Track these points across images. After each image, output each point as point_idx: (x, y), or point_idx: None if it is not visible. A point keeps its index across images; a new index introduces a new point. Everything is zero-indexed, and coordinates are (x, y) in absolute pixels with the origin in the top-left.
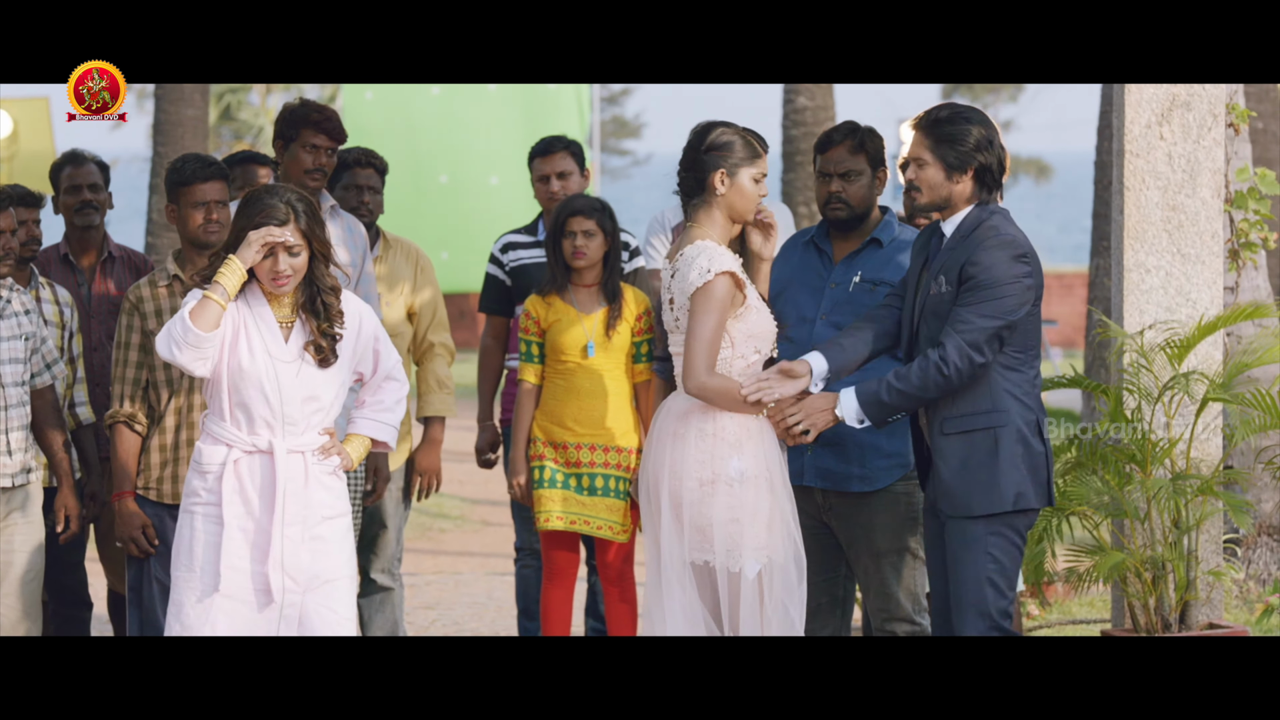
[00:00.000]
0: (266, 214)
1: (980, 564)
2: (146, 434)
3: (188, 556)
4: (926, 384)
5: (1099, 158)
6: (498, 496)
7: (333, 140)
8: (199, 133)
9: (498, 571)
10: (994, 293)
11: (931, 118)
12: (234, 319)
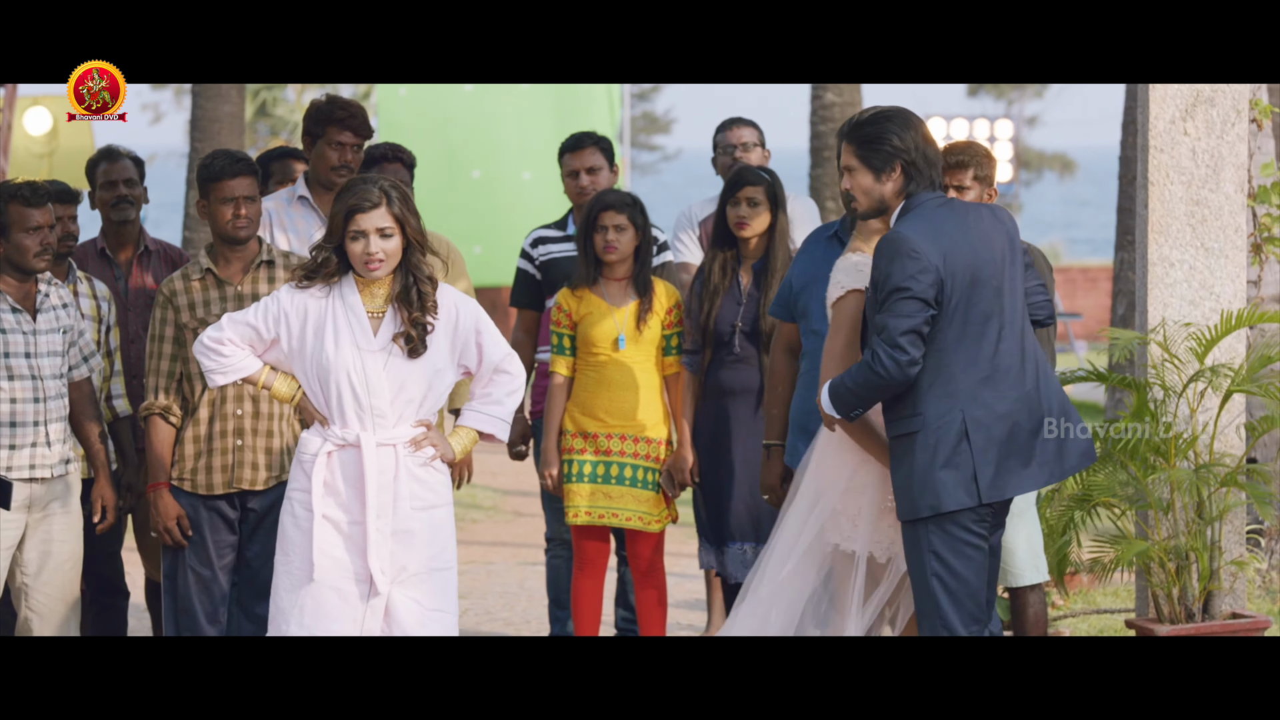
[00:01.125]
0: (359, 197)
1: (925, 564)
2: (181, 425)
3: (284, 542)
4: (861, 384)
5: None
6: (529, 488)
7: (358, 137)
8: (235, 129)
9: (529, 561)
10: (898, 294)
11: (853, 123)
12: (320, 311)
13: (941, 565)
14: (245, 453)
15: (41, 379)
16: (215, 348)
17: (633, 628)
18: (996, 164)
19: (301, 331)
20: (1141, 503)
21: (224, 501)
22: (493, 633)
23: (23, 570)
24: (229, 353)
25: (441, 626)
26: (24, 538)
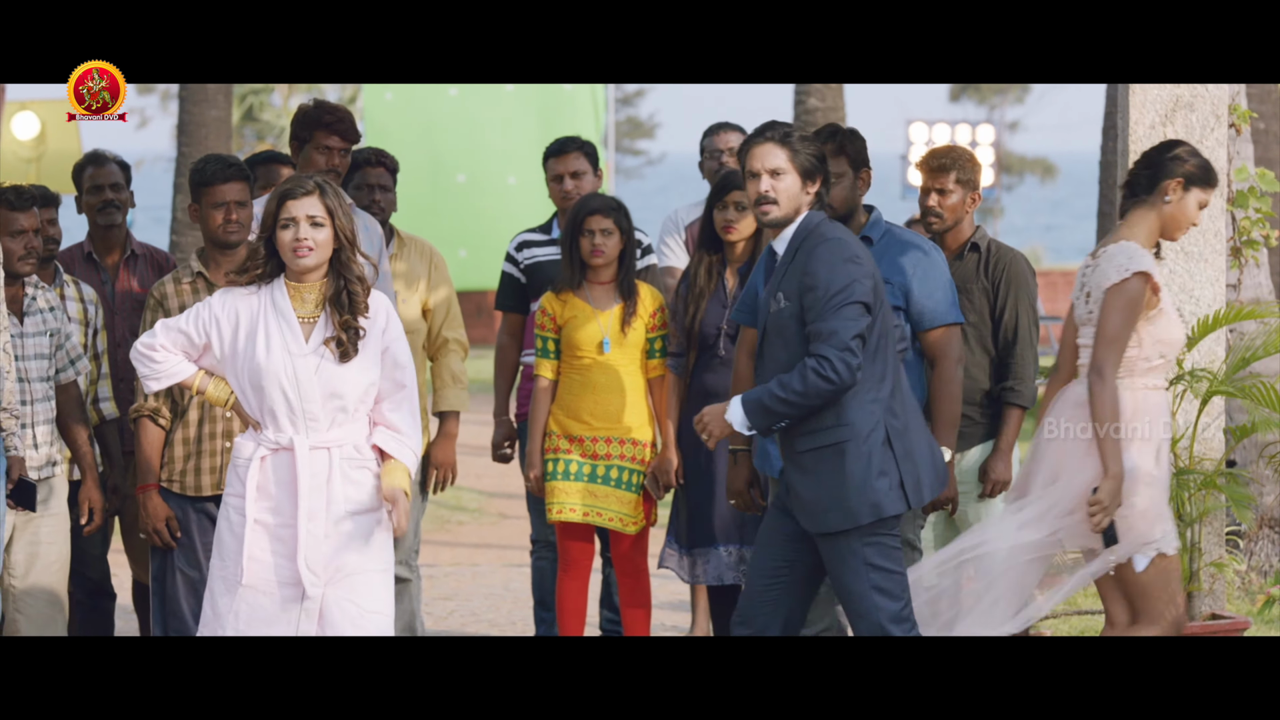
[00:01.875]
0: (293, 184)
1: (863, 575)
2: (170, 428)
3: (219, 546)
4: (808, 390)
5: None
6: (514, 490)
7: (346, 141)
8: (222, 133)
9: (514, 563)
10: (840, 295)
11: (779, 129)
12: (251, 315)
13: (880, 574)
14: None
15: (29, 381)
16: (148, 354)
17: (617, 629)
18: (981, 169)
19: (233, 336)
20: None
21: (212, 503)
22: (478, 634)
23: (9, 572)
24: (161, 358)
25: (376, 627)
26: (11, 539)
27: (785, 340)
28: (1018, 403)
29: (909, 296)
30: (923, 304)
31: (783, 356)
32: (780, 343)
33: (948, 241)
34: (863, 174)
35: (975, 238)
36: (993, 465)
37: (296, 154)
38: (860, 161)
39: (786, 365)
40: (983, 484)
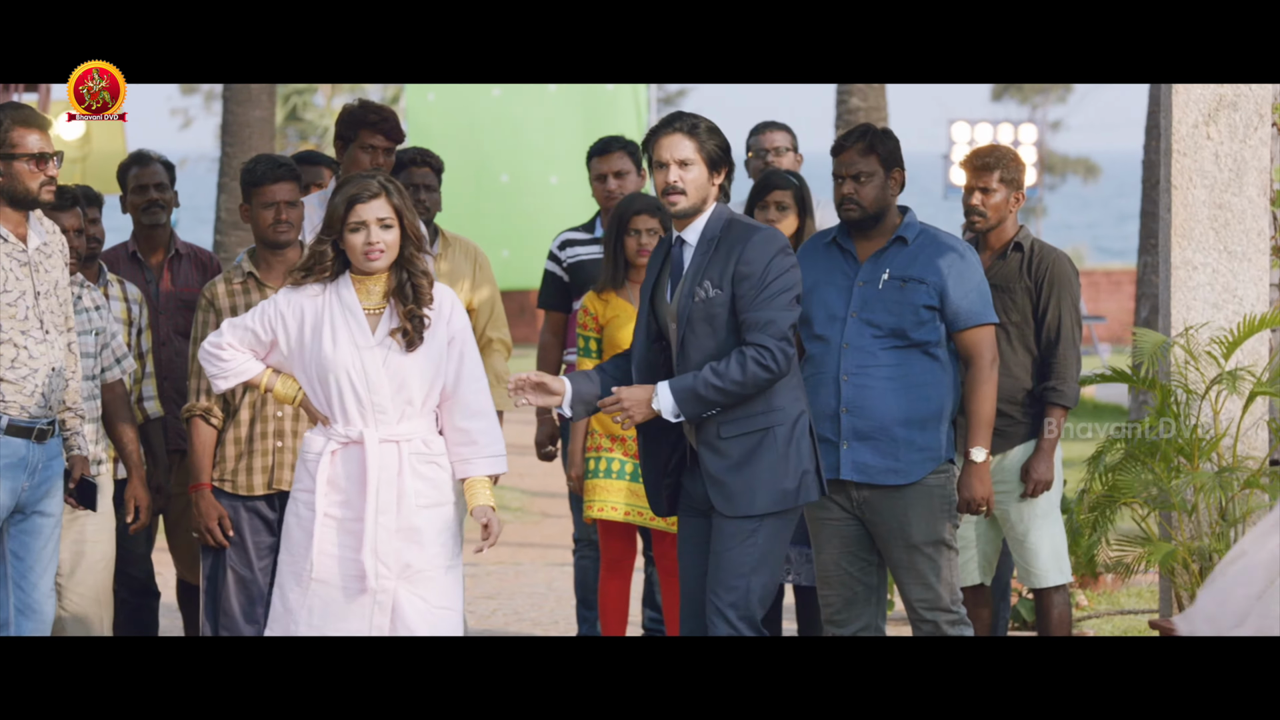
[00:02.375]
0: (359, 187)
1: (747, 554)
2: (222, 427)
3: (288, 541)
4: (746, 379)
5: (1146, 157)
6: (557, 489)
7: (390, 140)
8: (265, 133)
9: (557, 562)
10: (778, 285)
11: (687, 120)
12: (316, 311)
13: (760, 557)
14: (285, 454)
15: None
16: (216, 353)
17: (660, 628)
18: (1025, 168)
19: (299, 332)
20: (1165, 504)
21: (264, 503)
22: (520, 633)
23: (57, 571)
24: (229, 357)
25: (448, 625)
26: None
27: (714, 329)
28: (1060, 402)
29: (944, 297)
30: (958, 304)
31: (710, 345)
32: (708, 331)
33: (991, 241)
34: (894, 174)
35: (1018, 237)
36: (1034, 465)
37: (341, 154)
38: (892, 161)
39: (714, 353)
40: (1024, 484)
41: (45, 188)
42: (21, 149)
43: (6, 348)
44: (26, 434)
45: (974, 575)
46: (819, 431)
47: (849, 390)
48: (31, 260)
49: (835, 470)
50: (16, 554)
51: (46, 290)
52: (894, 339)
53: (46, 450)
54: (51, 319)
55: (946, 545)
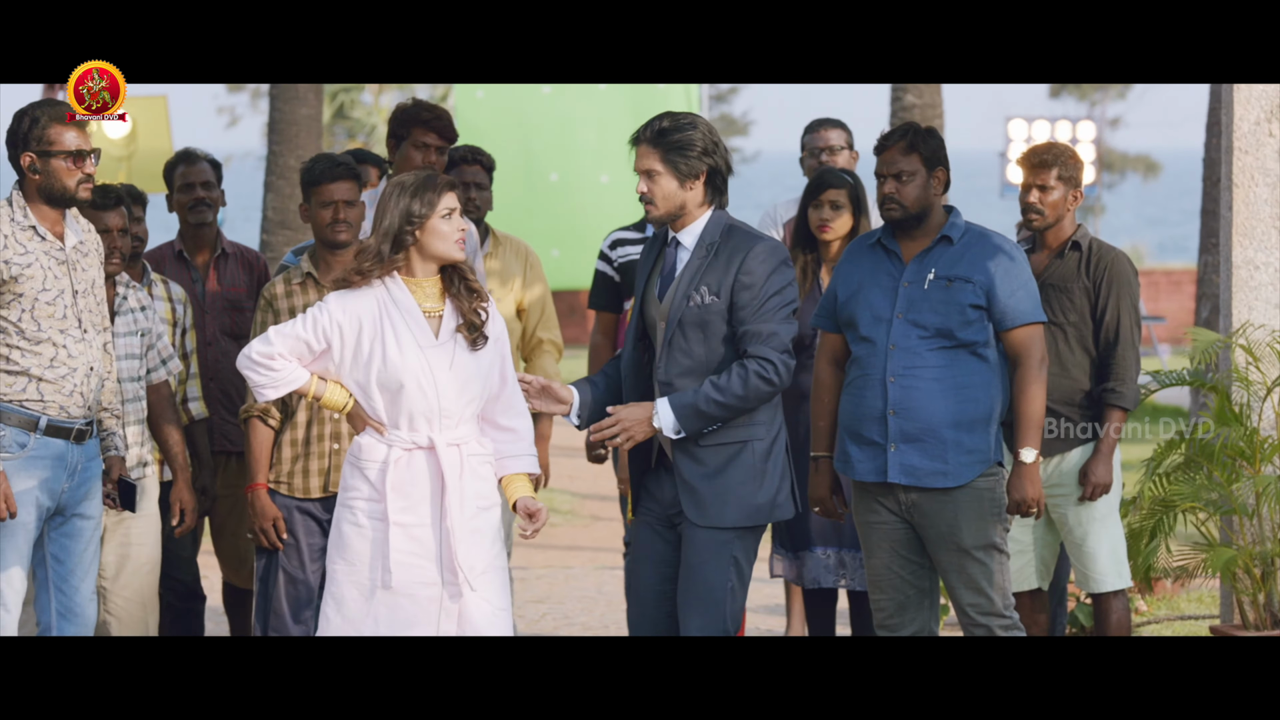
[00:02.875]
0: (439, 178)
1: (725, 570)
2: (279, 428)
3: (344, 550)
4: (749, 393)
5: (1207, 154)
6: (607, 492)
7: (443, 139)
8: (313, 131)
9: (607, 566)
10: (780, 298)
11: (655, 129)
12: (374, 316)
13: (738, 575)
14: (342, 456)
15: (119, 381)
16: (265, 362)
17: None
18: (1083, 166)
19: (356, 340)
20: (1225, 508)
21: (318, 505)
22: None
23: (101, 574)
24: (279, 366)
25: (505, 625)
26: (102, 540)
27: (706, 335)
28: (1119, 404)
29: (991, 296)
30: (1006, 303)
31: (700, 351)
32: (699, 337)
33: (1048, 240)
34: (937, 173)
35: (1076, 236)
36: (1093, 467)
37: (393, 152)
38: (935, 160)
39: (704, 360)
40: (1082, 487)
41: (82, 185)
42: (58, 146)
43: (45, 346)
44: (65, 434)
45: (1031, 580)
46: (866, 434)
47: (896, 392)
48: (69, 259)
49: (882, 473)
50: (57, 557)
51: (84, 289)
52: (941, 339)
53: (85, 451)
54: (90, 318)
55: (997, 549)
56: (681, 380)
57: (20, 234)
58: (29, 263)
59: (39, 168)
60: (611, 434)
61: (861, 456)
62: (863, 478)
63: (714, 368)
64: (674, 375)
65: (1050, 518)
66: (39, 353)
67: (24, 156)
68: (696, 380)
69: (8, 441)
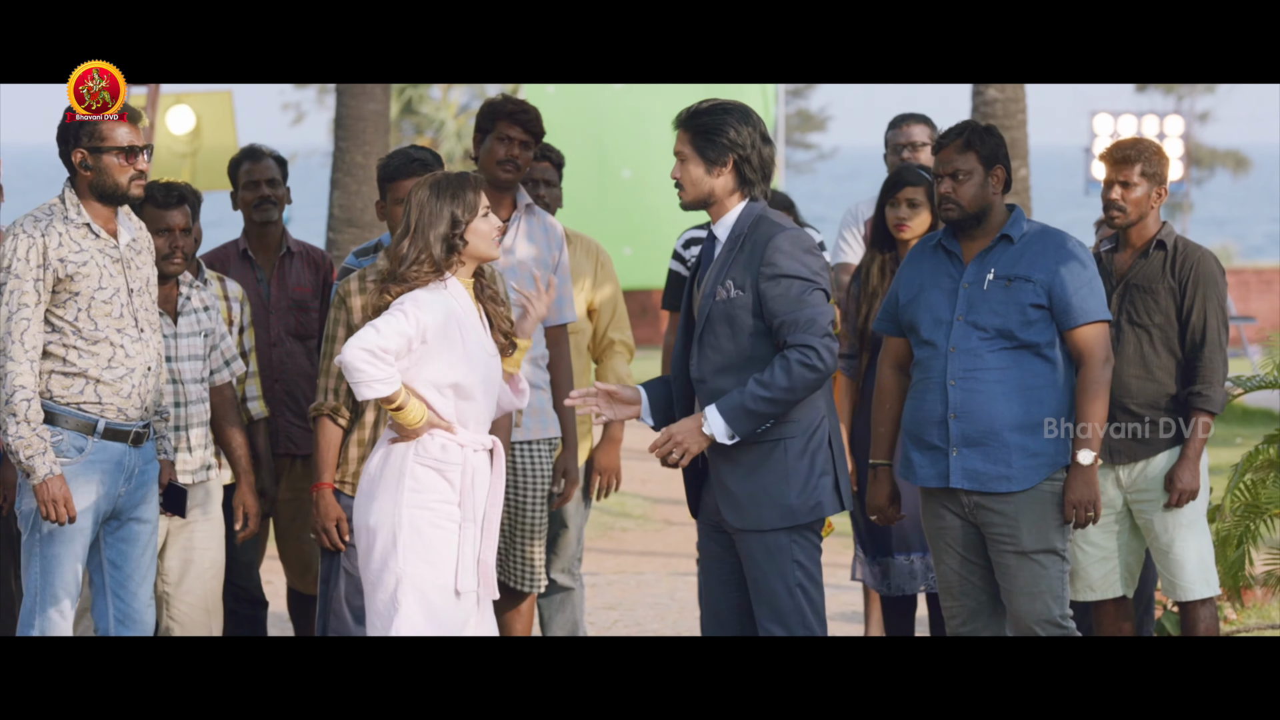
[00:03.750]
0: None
1: (787, 574)
2: (347, 428)
3: (432, 554)
4: (795, 383)
5: None
6: (680, 496)
7: (528, 134)
8: (380, 127)
9: (680, 572)
10: (809, 284)
11: (690, 112)
12: (446, 318)
13: (804, 573)
14: None
15: (182, 383)
16: (382, 355)
17: None
18: (1169, 162)
19: (438, 339)
20: None
21: None
22: None
23: (164, 578)
24: (392, 362)
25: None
26: (165, 545)
27: (734, 330)
28: (1205, 408)
29: (1052, 294)
30: (1068, 301)
31: (729, 347)
32: (728, 332)
33: (1132, 238)
34: (995, 171)
35: (1161, 234)
36: (1179, 473)
37: (478, 145)
38: (992, 159)
39: (733, 356)
40: (1169, 492)
41: (135, 182)
42: (110, 142)
43: (103, 346)
44: (123, 438)
45: (1116, 587)
46: (927, 439)
47: (956, 395)
48: (124, 256)
49: (944, 478)
50: (114, 562)
51: (139, 287)
52: (1002, 340)
53: (143, 454)
54: (146, 316)
55: (1058, 555)
56: (715, 377)
57: (74, 232)
58: (85, 260)
59: (90, 164)
60: (666, 451)
61: (923, 461)
62: (925, 483)
63: (745, 363)
64: (706, 372)
65: (1135, 524)
66: (96, 353)
67: (75, 153)
68: (728, 376)
69: (65, 445)
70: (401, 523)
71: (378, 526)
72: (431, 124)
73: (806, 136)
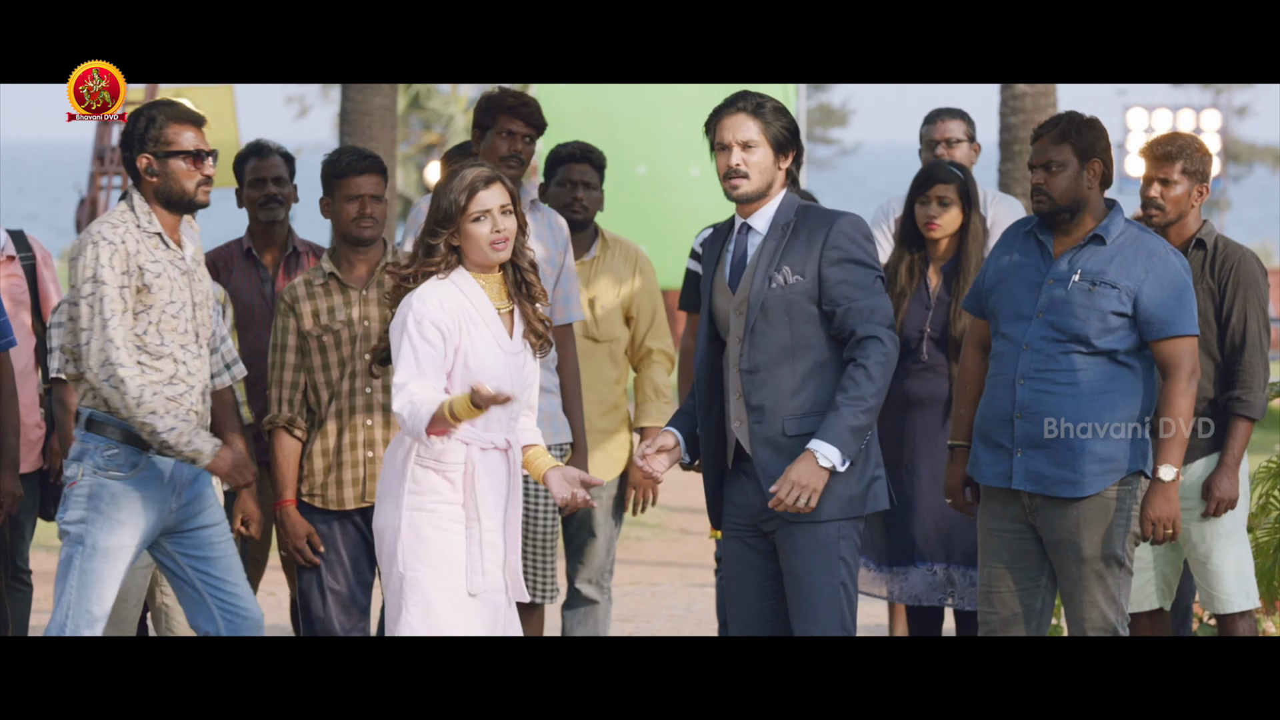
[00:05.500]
0: (476, 175)
1: (834, 569)
2: (308, 439)
3: (434, 557)
4: (879, 381)
5: None
6: (698, 504)
7: (530, 127)
8: (387, 122)
9: (697, 583)
10: (872, 271)
11: (754, 100)
12: (457, 314)
13: (847, 571)
14: (376, 464)
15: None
16: (435, 396)
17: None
18: (1211, 159)
19: (455, 340)
20: None
21: (358, 516)
22: None
23: (163, 590)
24: (433, 395)
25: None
26: None
27: (791, 318)
28: (1245, 414)
29: (1138, 303)
30: (1152, 312)
31: (785, 335)
32: (784, 320)
33: (1170, 237)
34: (1092, 165)
35: (1201, 234)
36: (1217, 481)
37: (478, 142)
38: (1089, 152)
39: (788, 343)
40: (1206, 501)
41: (202, 188)
42: (177, 146)
43: (166, 363)
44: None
45: (1152, 599)
46: (994, 437)
47: (1024, 394)
48: (189, 269)
49: (1007, 479)
50: (200, 569)
51: (201, 300)
52: (1076, 345)
53: (192, 469)
54: (204, 332)
55: (1120, 564)
56: (770, 366)
57: (148, 240)
58: (159, 271)
59: (156, 169)
60: (794, 499)
61: (989, 460)
62: (988, 482)
63: (801, 351)
64: (759, 361)
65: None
66: (160, 369)
67: (140, 158)
68: (784, 365)
69: (120, 460)
70: (402, 525)
71: (384, 529)
72: (440, 119)
73: (829, 131)
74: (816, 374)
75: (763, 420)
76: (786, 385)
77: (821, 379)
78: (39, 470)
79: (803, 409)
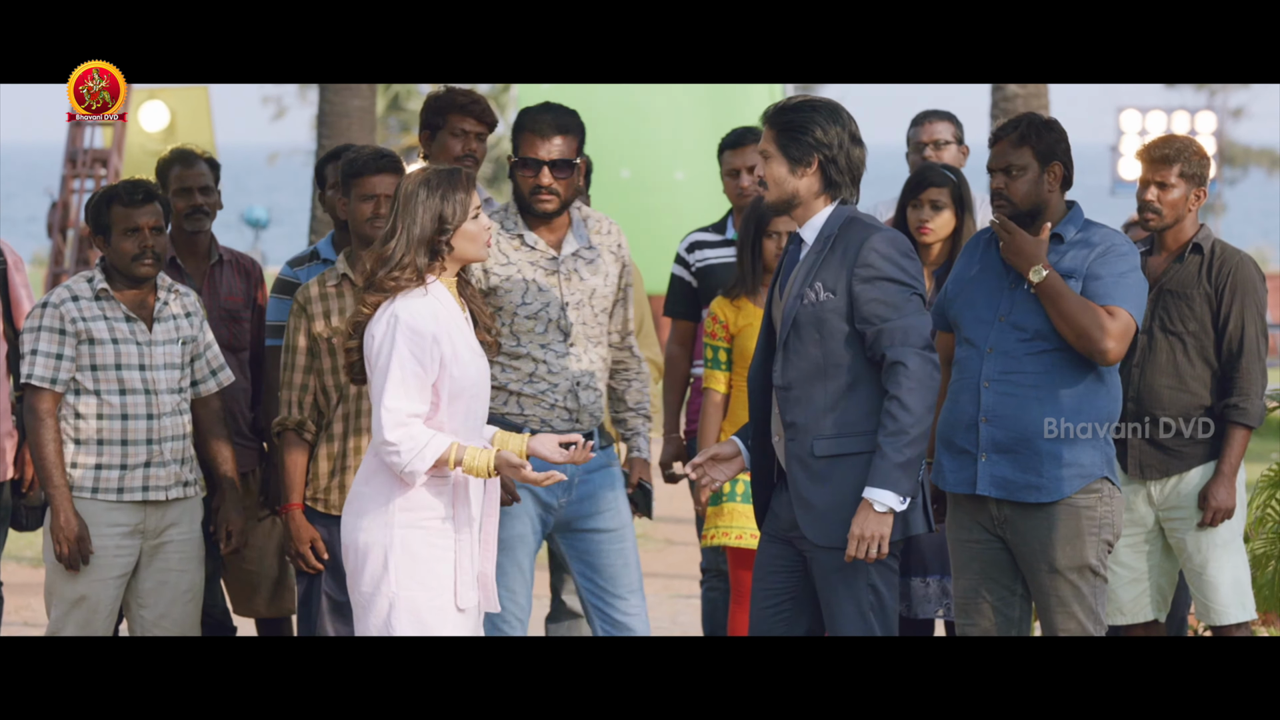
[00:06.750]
0: (465, 175)
1: (860, 596)
2: (314, 443)
3: (428, 576)
4: (915, 411)
5: None
6: (683, 514)
7: (482, 124)
8: (366, 124)
9: (682, 594)
10: (906, 289)
11: (777, 109)
12: (444, 320)
13: (876, 598)
14: None
15: (156, 393)
16: (412, 421)
17: None
18: (1209, 163)
19: (444, 350)
20: None
21: None
22: None
23: (139, 602)
24: (426, 432)
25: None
26: (138, 566)
27: (823, 336)
28: (1242, 421)
29: (1086, 280)
30: (1090, 288)
31: (816, 353)
32: (815, 338)
33: (1167, 241)
34: (1052, 168)
35: (1198, 238)
36: (1214, 490)
37: (428, 144)
38: (1049, 155)
39: (820, 363)
40: (1202, 510)
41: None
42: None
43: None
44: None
45: (1147, 610)
46: (958, 442)
47: (989, 397)
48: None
49: (971, 485)
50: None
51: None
52: (1041, 342)
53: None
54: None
55: (1093, 572)
56: (801, 385)
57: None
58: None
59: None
60: (864, 554)
61: (952, 466)
62: (952, 488)
63: (833, 370)
64: (791, 379)
65: (1168, 543)
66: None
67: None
68: (815, 384)
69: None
70: (393, 544)
71: (368, 547)
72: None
73: None
74: (849, 394)
75: (796, 438)
76: (819, 404)
77: (853, 399)
78: (10, 480)
79: (833, 430)
